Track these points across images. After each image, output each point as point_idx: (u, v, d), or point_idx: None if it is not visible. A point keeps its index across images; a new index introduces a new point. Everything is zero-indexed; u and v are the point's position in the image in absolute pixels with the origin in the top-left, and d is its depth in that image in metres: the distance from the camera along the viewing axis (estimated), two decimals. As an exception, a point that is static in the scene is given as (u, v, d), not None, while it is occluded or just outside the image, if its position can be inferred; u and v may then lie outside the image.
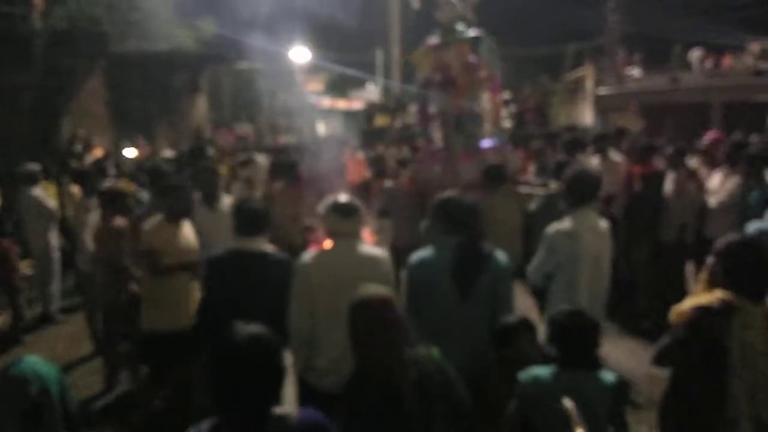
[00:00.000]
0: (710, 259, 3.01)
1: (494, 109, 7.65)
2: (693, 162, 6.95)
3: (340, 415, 2.54)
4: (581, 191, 3.92)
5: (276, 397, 2.02)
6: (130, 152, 12.02)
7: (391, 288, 3.25)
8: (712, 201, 5.98)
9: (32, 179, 7.05)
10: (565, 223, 3.87)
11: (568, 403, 2.60)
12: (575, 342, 2.76)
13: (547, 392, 2.69)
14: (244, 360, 1.91)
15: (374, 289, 2.59)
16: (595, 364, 2.79)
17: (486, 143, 7.42)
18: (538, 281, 4.02)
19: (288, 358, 3.52)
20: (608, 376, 2.75)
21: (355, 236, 3.40)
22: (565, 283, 3.83)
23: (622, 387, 2.79)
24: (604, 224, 3.96)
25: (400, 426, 2.44)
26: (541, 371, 2.77)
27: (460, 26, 7.44)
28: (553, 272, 3.89)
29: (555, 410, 2.60)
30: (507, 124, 16.68)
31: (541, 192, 6.24)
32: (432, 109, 7.77)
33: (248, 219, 3.61)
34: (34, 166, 7.16)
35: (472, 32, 7.43)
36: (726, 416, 2.75)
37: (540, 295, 5.56)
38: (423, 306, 3.30)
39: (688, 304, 2.94)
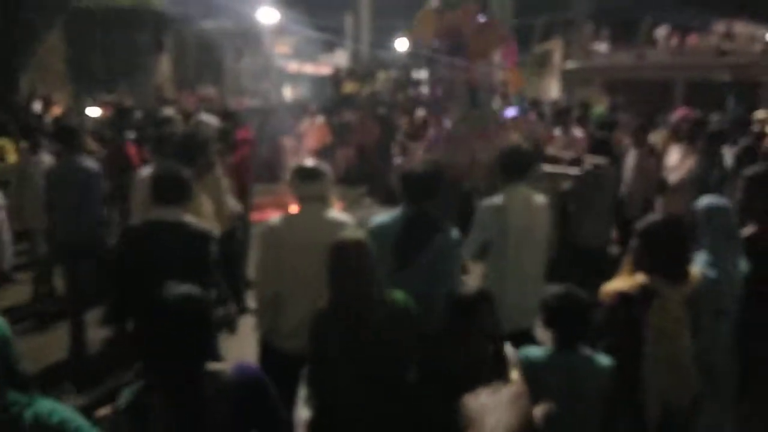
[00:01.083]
0: (633, 241, 3.11)
1: (511, 75, 6.83)
2: (654, 137, 7.10)
3: (308, 350, 2.77)
4: (512, 167, 3.92)
5: (208, 354, 2.05)
6: (92, 111, 11.72)
7: None
8: (672, 178, 6.12)
9: None
10: (495, 199, 3.87)
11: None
12: (566, 323, 2.77)
13: (540, 372, 2.73)
14: (174, 317, 1.94)
15: (351, 233, 2.86)
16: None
17: (508, 113, 6.75)
18: (472, 256, 4.00)
19: (250, 321, 3.58)
20: (604, 360, 2.76)
21: (320, 200, 3.44)
22: (495, 257, 3.84)
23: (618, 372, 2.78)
24: (539, 199, 3.94)
25: (362, 358, 2.65)
26: (536, 351, 2.81)
27: None
28: (486, 246, 3.88)
29: (547, 390, 2.62)
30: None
31: (575, 171, 5.99)
32: (440, 80, 6.85)
33: (165, 187, 3.49)
34: None
35: None
36: (636, 398, 2.88)
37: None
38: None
39: (613, 285, 3.04)
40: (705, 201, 3.47)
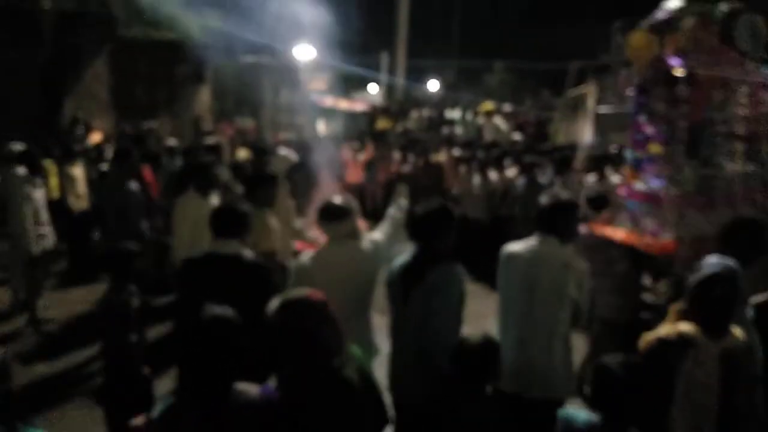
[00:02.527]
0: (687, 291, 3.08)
1: (753, 122, 4.98)
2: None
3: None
4: (547, 219, 3.55)
5: (237, 374, 2.15)
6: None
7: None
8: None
9: (15, 159, 6.90)
10: (509, 246, 3.64)
11: None
12: (611, 401, 2.56)
13: None
14: (205, 337, 2.07)
15: (301, 291, 2.51)
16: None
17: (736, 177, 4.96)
18: None
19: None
20: None
21: (348, 236, 3.51)
22: (499, 306, 3.67)
23: None
24: (565, 258, 3.48)
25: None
26: (582, 418, 2.64)
27: None
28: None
29: None
30: (516, 136, 16.69)
31: None
32: (645, 121, 5.20)
33: (225, 221, 3.59)
34: (18, 146, 7.00)
35: (723, 5, 4.99)
36: None
37: None
38: (390, 306, 3.46)
39: (653, 334, 3.02)
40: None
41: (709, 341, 2.87)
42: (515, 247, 3.60)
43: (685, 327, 2.92)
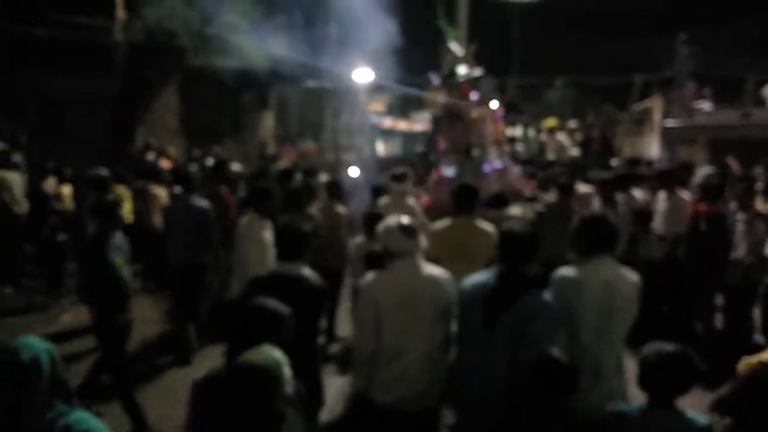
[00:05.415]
0: None
1: (498, 137, 9.31)
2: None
3: None
4: (590, 239, 3.39)
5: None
6: (209, 163, 12.40)
7: (453, 308, 3.37)
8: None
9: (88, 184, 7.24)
10: (570, 271, 3.40)
11: None
12: (666, 382, 2.64)
13: (631, 430, 2.65)
14: (257, 317, 2.58)
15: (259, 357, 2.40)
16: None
17: (491, 165, 8.76)
18: None
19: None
20: (700, 419, 2.62)
21: (417, 255, 3.48)
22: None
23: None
24: (627, 277, 3.37)
25: None
26: (629, 407, 2.72)
27: (461, 69, 9.05)
28: None
29: None
30: (574, 152, 16.51)
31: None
32: (442, 141, 9.23)
33: (288, 243, 3.80)
34: (104, 171, 7.36)
35: (476, 72, 9.07)
36: None
37: None
38: (461, 328, 3.37)
39: (759, 357, 2.87)
40: None
41: None
42: (581, 273, 3.36)
43: None
